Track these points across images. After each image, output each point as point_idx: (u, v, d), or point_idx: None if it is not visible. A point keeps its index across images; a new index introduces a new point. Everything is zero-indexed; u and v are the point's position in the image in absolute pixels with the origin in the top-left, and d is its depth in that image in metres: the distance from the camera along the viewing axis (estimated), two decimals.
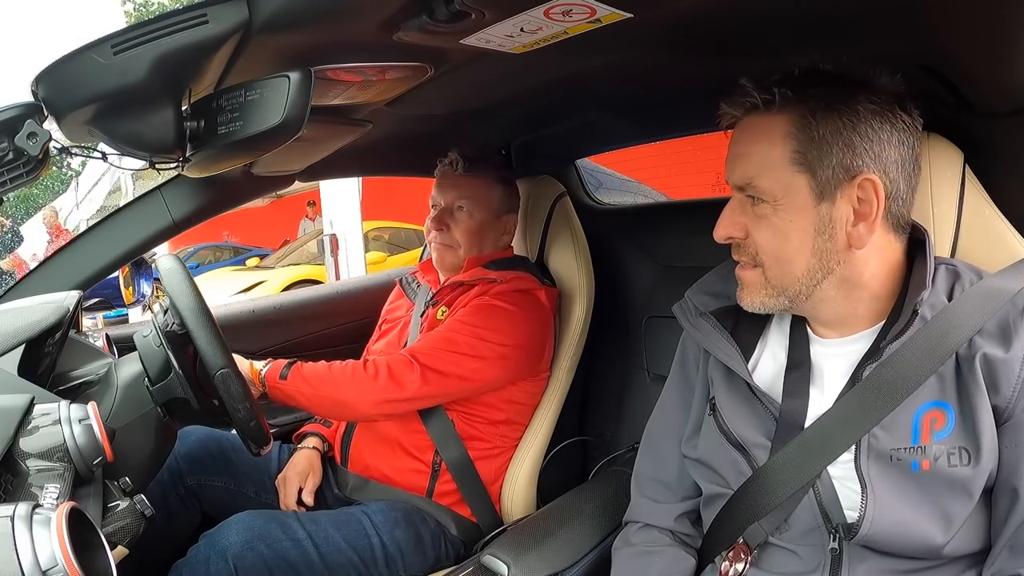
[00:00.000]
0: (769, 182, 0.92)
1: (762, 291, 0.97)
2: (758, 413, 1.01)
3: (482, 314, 1.53)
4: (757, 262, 0.96)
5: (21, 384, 1.04)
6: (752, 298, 0.98)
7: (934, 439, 0.88)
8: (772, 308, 0.98)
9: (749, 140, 0.94)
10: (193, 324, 1.20)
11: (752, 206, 0.94)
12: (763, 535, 0.99)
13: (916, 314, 0.90)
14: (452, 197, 1.68)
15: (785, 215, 0.92)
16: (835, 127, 0.89)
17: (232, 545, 1.28)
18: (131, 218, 1.60)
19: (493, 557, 1.21)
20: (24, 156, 0.89)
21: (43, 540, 0.62)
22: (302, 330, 2.19)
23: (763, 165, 0.92)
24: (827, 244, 0.92)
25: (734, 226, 0.97)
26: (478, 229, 1.68)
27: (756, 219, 0.94)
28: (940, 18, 0.94)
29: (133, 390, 1.22)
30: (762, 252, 0.95)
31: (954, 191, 1.03)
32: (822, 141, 0.89)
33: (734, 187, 0.97)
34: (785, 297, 0.96)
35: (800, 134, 0.90)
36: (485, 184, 1.68)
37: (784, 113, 0.91)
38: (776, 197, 0.91)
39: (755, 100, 0.92)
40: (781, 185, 0.91)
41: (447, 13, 0.81)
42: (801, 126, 0.90)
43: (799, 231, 0.92)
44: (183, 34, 0.81)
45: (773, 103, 0.91)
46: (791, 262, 0.93)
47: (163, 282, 1.26)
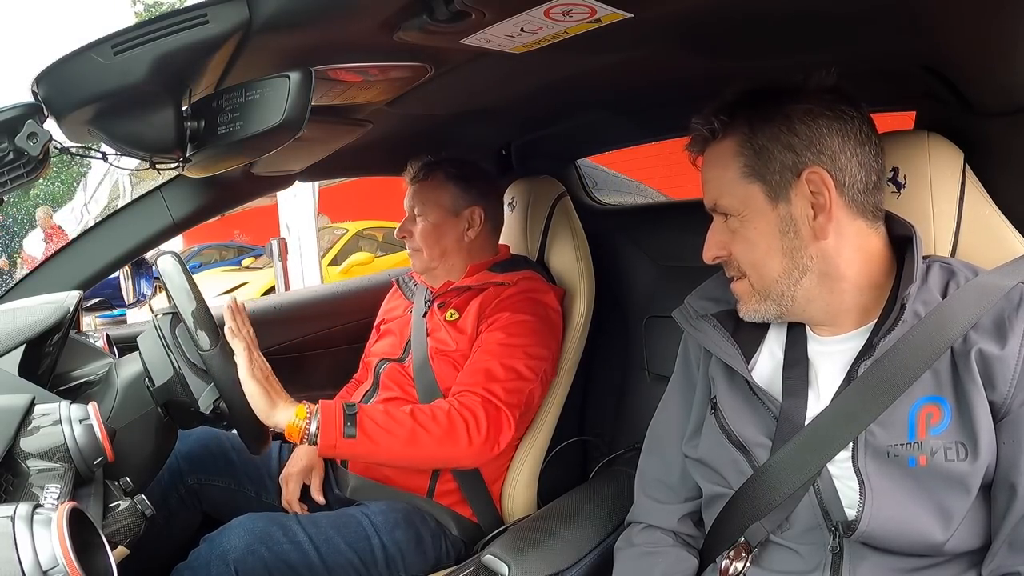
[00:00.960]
0: (729, 199, 0.99)
1: (753, 299, 1.02)
2: (758, 412, 1.01)
3: (521, 332, 1.54)
4: (741, 272, 1.02)
5: (21, 384, 1.04)
6: (747, 307, 1.03)
7: (930, 434, 0.88)
8: (766, 314, 1.02)
9: (708, 168, 1.03)
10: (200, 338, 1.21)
11: (726, 223, 1.01)
12: (764, 534, 0.99)
13: (904, 307, 0.91)
14: (409, 205, 1.74)
15: (750, 224, 0.98)
16: (772, 134, 0.95)
17: (233, 548, 1.28)
18: (131, 218, 1.60)
19: (494, 557, 1.22)
20: (24, 156, 0.89)
21: (44, 540, 0.62)
22: (302, 330, 2.19)
23: (721, 186, 1.00)
24: (794, 242, 0.96)
25: (717, 246, 1.03)
26: (433, 230, 1.70)
27: (731, 234, 1.01)
28: (940, 18, 0.94)
29: (134, 390, 1.22)
30: (742, 263, 1.01)
31: (954, 190, 1.04)
32: (763, 150, 0.96)
33: (709, 209, 1.04)
34: (772, 301, 1.00)
35: (745, 150, 0.97)
36: (434, 185, 1.71)
37: (728, 137, 0.98)
38: (739, 211, 0.98)
39: (703, 134, 1.01)
40: (739, 199, 0.98)
41: (447, 13, 0.81)
42: (743, 143, 0.97)
43: (765, 236, 0.98)
44: (183, 34, 0.80)
45: (717, 131, 0.99)
46: (765, 265, 0.99)
47: (165, 285, 1.26)
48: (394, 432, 1.31)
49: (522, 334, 1.53)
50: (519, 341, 1.52)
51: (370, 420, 1.30)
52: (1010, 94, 1.03)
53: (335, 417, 1.27)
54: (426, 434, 1.33)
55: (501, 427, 1.41)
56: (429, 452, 1.34)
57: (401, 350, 1.67)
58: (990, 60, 1.00)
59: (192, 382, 1.21)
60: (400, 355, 1.67)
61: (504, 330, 1.54)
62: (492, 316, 1.57)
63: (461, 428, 1.36)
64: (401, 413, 1.34)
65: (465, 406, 1.39)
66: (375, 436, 1.29)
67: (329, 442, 1.26)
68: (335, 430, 1.26)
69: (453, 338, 1.59)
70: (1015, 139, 1.06)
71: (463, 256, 1.72)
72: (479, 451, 1.38)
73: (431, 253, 1.71)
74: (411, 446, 1.31)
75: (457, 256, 1.72)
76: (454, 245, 1.71)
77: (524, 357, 1.51)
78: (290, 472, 1.61)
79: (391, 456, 1.33)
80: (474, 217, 1.72)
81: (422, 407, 1.39)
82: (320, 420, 1.27)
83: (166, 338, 1.23)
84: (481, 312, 1.59)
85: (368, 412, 1.31)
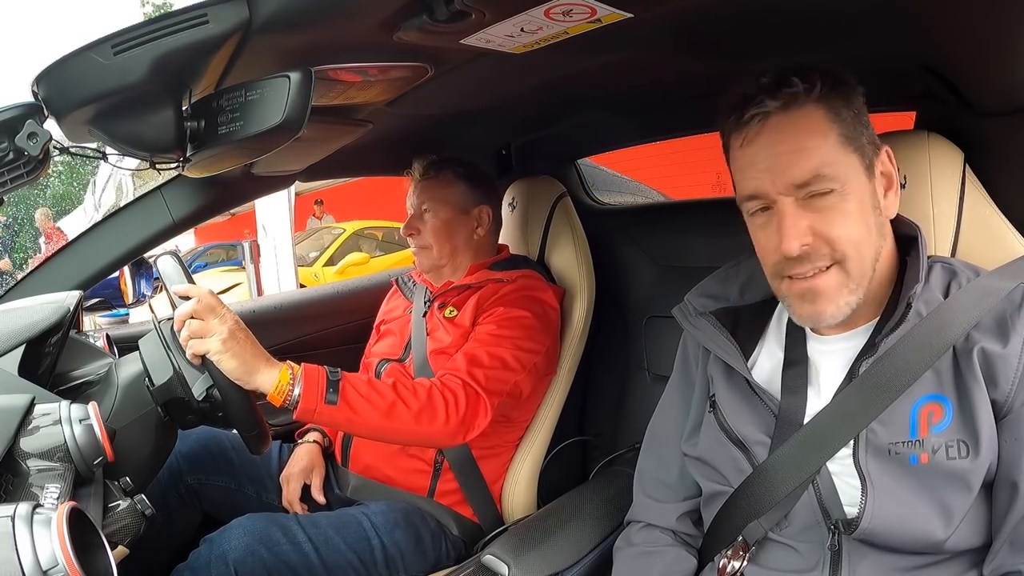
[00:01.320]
0: (833, 168, 0.89)
1: (844, 291, 0.92)
2: (757, 410, 1.01)
3: (513, 325, 1.54)
4: (836, 258, 0.90)
5: (21, 384, 1.04)
6: (836, 304, 0.92)
7: (932, 432, 0.88)
8: (846, 310, 0.92)
9: (796, 136, 0.90)
10: None
11: (814, 203, 0.90)
12: (762, 532, 0.99)
13: (909, 307, 0.91)
14: (417, 202, 1.73)
15: (853, 198, 0.90)
16: (857, 107, 0.91)
17: (233, 549, 1.28)
18: (131, 218, 1.60)
19: (494, 557, 1.22)
20: (24, 156, 0.89)
21: (44, 540, 0.62)
22: (302, 330, 2.19)
23: (825, 154, 0.89)
24: (877, 219, 0.93)
25: (805, 233, 0.90)
26: (445, 227, 1.70)
27: (822, 214, 0.90)
28: (940, 19, 0.94)
29: (134, 390, 1.21)
30: (841, 245, 0.90)
31: (954, 190, 1.04)
32: (855, 121, 0.91)
33: (791, 188, 0.90)
34: (862, 288, 0.92)
35: (838, 118, 0.90)
36: (444, 182, 1.71)
37: (818, 102, 0.90)
38: (843, 182, 0.89)
39: (798, 89, 0.89)
40: (843, 169, 0.90)
41: (447, 13, 0.81)
42: (837, 110, 0.90)
43: (864, 211, 0.91)
44: (183, 34, 0.81)
45: (813, 90, 0.89)
46: (865, 244, 0.91)
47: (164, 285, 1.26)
48: (374, 403, 1.29)
49: (514, 327, 1.53)
50: (509, 333, 1.52)
51: (352, 388, 1.28)
52: (1010, 94, 1.03)
53: (318, 382, 1.25)
54: (405, 408, 1.32)
55: (478, 412, 1.41)
56: (405, 426, 1.32)
57: (402, 350, 1.68)
58: (990, 60, 1.00)
59: (188, 374, 1.21)
60: (401, 355, 1.67)
61: (496, 322, 1.54)
62: (488, 310, 1.58)
63: (440, 406, 1.35)
64: (383, 384, 1.33)
65: (447, 386, 1.39)
66: (356, 404, 1.27)
67: (309, 406, 1.24)
68: (317, 395, 1.24)
69: (450, 334, 1.59)
70: (1015, 139, 1.06)
71: (470, 255, 1.73)
72: (453, 431, 1.37)
73: (441, 251, 1.70)
74: (389, 418, 1.30)
75: (465, 255, 1.72)
76: (464, 243, 1.72)
77: (512, 348, 1.51)
78: (291, 472, 1.61)
79: (368, 426, 1.31)
80: (482, 216, 1.73)
81: (405, 381, 1.38)
82: (303, 384, 1.24)
83: (166, 338, 1.23)
84: (479, 307, 1.59)
85: (351, 380, 1.30)
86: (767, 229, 0.94)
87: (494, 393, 1.44)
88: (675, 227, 1.86)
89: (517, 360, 1.51)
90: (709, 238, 1.69)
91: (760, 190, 0.92)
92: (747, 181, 0.94)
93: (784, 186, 0.90)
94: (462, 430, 1.38)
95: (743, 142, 0.93)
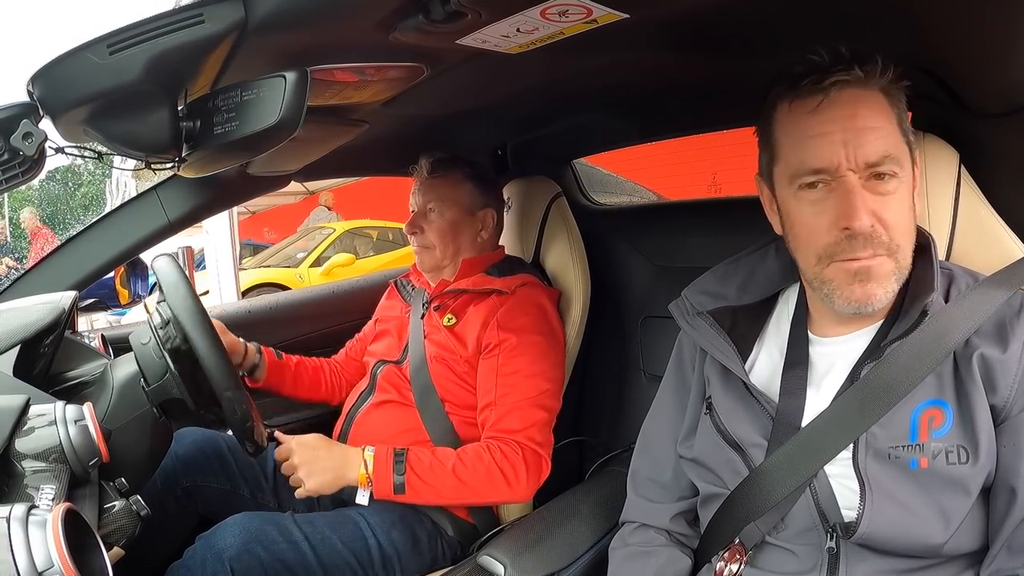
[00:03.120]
0: (899, 154, 0.89)
1: (892, 278, 0.90)
2: (755, 412, 1.01)
3: (538, 358, 1.55)
4: (890, 248, 0.89)
5: (16, 385, 1.04)
6: (884, 289, 0.90)
7: (932, 437, 0.88)
8: (888, 299, 0.91)
9: (872, 114, 0.88)
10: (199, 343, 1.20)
11: (876, 186, 0.88)
12: (759, 535, 0.99)
13: (925, 314, 0.91)
14: (423, 200, 1.71)
15: (906, 188, 0.90)
16: (902, 98, 0.92)
17: (228, 547, 1.28)
18: (127, 218, 1.60)
19: (489, 557, 1.22)
20: (20, 156, 0.89)
21: (39, 541, 0.62)
22: (299, 330, 2.19)
23: (888, 137, 0.88)
24: (913, 211, 0.93)
25: (870, 214, 0.87)
26: (450, 228, 1.69)
27: (882, 199, 0.88)
28: (936, 20, 0.94)
29: (129, 391, 1.21)
30: (895, 232, 0.88)
31: (950, 192, 1.04)
32: (902, 111, 0.92)
33: (863, 165, 0.87)
34: (901, 280, 0.92)
35: (896, 107, 0.91)
36: (453, 183, 1.70)
37: (878, 86, 0.89)
38: (903, 170, 0.89)
39: (876, 67, 0.88)
40: (903, 158, 0.89)
41: (443, 13, 0.81)
42: (896, 99, 0.91)
43: (911, 204, 0.92)
44: (179, 34, 0.80)
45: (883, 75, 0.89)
46: (910, 236, 0.91)
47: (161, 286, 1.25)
48: (438, 488, 1.41)
49: (539, 358, 1.55)
50: (539, 368, 1.54)
51: (416, 477, 1.40)
52: (1006, 95, 1.03)
53: (387, 477, 1.40)
54: (468, 490, 1.42)
55: (541, 469, 1.48)
56: (474, 500, 1.47)
57: (399, 352, 1.67)
58: (985, 61, 1.00)
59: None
60: (398, 357, 1.67)
61: (522, 358, 1.53)
62: (501, 336, 1.55)
63: (501, 481, 1.43)
64: (442, 467, 1.42)
65: (506, 456, 1.45)
66: (420, 490, 1.40)
67: (384, 496, 1.40)
68: (388, 486, 1.40)
69: (451, 344, 1.59)
70: (1011, 140, 1.06)
71: (471, 256, 1.72)
72: (522, 495, 1.47)
73: (444, 251, 1.70)
74: (456, 497, 1.44)
75: (467, 256, 1.71)
76: (467, 245, 1.71)
77: (547, 384, 1.54)
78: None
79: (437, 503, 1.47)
80: (487, 219, 1.72)
81: (464, 459, 1.44)
82: (373, 485, 1.40)
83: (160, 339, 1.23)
84: (484, 325, 1.57)
85: (415, 466, 1.41)
86: (821, 205, 0.90)
87: (548, 444, 1.53)
88: (671, 227, 1.86)
89: (554, 396, 1.57)
90: (705, 238, 1.69)
91: (831, 163, 0.88)
92: (814, 151, 0.89)
93: (858, 162, 0.87)
94: (530, 491, 1.47)
95: (816, 108, 0.89)
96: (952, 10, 0.90)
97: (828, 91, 0.88)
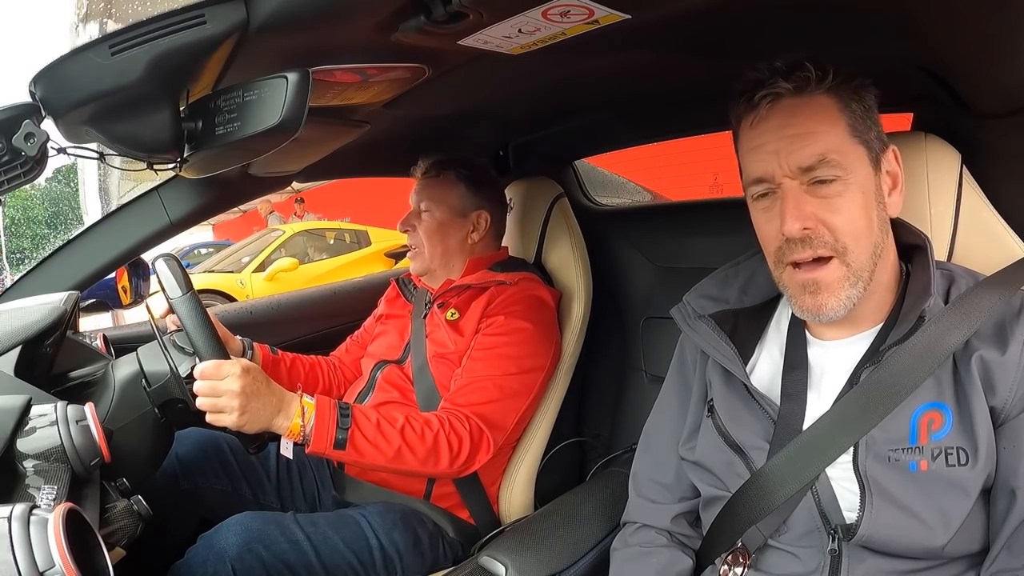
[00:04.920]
0: (840, 156, 0.90)
1: (846, 283, 0.92)
2: (756, 415, 1.01)
3: (517, 341, 1.54)
4: (836, 250, 0.91)
5: (18, 385, 1.04)
6: (837, 297, 0.92)
7: (932, 439, 0.88)
8: (847, 305, 0.92)
9: (806, 121, 0.91)
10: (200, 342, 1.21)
11: (818, 189, 0.91)
12: (761, 539, 0.99)
13: (922, 320, 0.91)
14: (416, 200, 1.73)
15: (856, 189, 0.91)
16: (867, 103, 0.93)
17: (230, 547, 1.28)
18: (128, 219, 1.60)
19: (491, 558, 1.21)
20: (21, 156, 0.89)
21: (40, 541, 0.62)
22: (301, 330, 2.19)
23: (830, 141, 0.90)
24: (882, 213, 0.93)
25: (807, 216, 0.90)
26: (438, 228, 1.70)
27: (826, 202, 0.90)
28: (938, 21, 0.94)
29: (131, 391, 1.21)
30: (841, 235, 0.90)
31: (951, 192, 1.04)
32: (864, 115, 0.92)
33: (797, 171, 0.91)
34: (861, 284, 0.92)
35: (850, 109, 0.91)
36: (447, 183, 1.71)
37: (829, 92, 0.91)
38: (848, 171, 0.90)
39: (810, 75, 0.90)
40: (850, 158, 0.91)
41: (445, 14, 0.81)
42: (849, 101, 0.92)
43: (866, 204, 0.91)
44: (181, 34, 0.80)
45: (825, 80, 0.91)
46: (865, 238, 0.91)
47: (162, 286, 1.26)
48: (381, 448, 1.33)
49: (518, 343, 1.54)
50: (515, 352, 1.53)
51: (360, 434, 1.31)
52: (1007, 96, 1.03)
53: (328, 429, 1.29)
54: (410, 454, 1.35)
55: (479, 450, 1.43)
56: (410, 468, 1.37)
57: (400, 352, 1.67)
58: (987, 62, 1.00)
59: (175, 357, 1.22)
60: (399, 357, 1.67)
61: (500, 338, 1.54)
62: (490, 318, 1.57)
63: (444, 451, 1.38)
64: (391, 430, 1.35)
65: (454, 429, 1.41)
66: (363, 449, 1.32)
67: (319, 449, 1.29)
68: (326, 441, 1.29)
69: (452, 339, 1.59)
70: (1012, 141, 1.06)
71: (463, 259, 1.72)
72: (457, 471, 1.43)
73: (432, 252, 1.70)
74: (395, 462, 1.35)
75: (458, 258, 1.72)
76: (456, 247, 1.71)
77: (518, 372, 1.52)
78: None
79: (374, 466, 1.37)
80: (480, 221, 1.72)
81: (413, 422, 1.38)
82: (314, 429, 1.28)
83: (162, 339, 1.23)
84: (483, 313, 1.58)
85: (360, 424, 1.32)
86: (770, 212, 0.94)
87: (499, 428, 1.48)
88: (672, 228, 1.86)
89: (524, 384, 1.53)
90: (706, 239, 1.69)
91: (767, 172, 0.92)
92: (754, 163, 0.94)
93: (790, 168, 0.90)
94: (464, 468, 1.43)
95: (753, 122, 0.94)
96: (953, 11, 0.90)
97: (759, 105, 0.93)
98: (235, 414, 1.20)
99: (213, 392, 1.20)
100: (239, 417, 1.20)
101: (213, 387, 1.20)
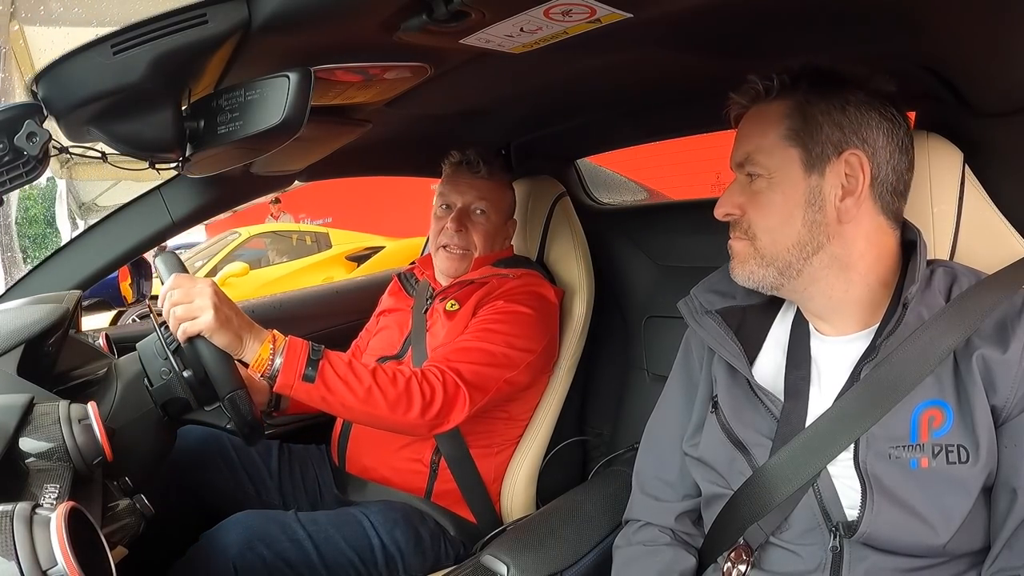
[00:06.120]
0: (765, 157, 0.98)
1: (751, 261, 1.01)
2: (759, 412, 1.01)
3: (510, 320, 1.52)
4: (748, 235, 1.01)
5: (21, 384, 1.05)
6: (743, 269, 1.02)
7: (932, 437, 0.88)
8: (762, 281, 1.01)
9: (750, 124, 1.02)
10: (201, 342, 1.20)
11: (750, 184, 1.00)
12: (763, 536, 0.99)
13: (905, 307, 0.92)
14: (471, 198, 1.66)
15: (778, 188, 0.97)
16: (825, 108, 0.95)
17: (232, 545, 1.28)
18: (130, 218, 1.60)
19: (493, 557, 1.21)
20: (23, 156, 0.89)
21: (43, 540, 0.62)
22: (304, 329, 2.18)
23: (760, 143, 0.99)
24: (817, 216, 0.96)
25: (732, 205, 1.02)
26: (494, 232, 1.68)
27: (752, 196, 1.00)
28: (940, 19, 0.94)
29: (133, 390, 1.22)
30: (755, 225, 1.00)
31: (954, 191, 1.04)
32: (813, 119, 0.95)
33: (735, 166, 1.03)
34: (775, 268, 0.99)
35: (795, 114, 0.96)
36: (502, 187, 1.70)
37: (782, 99, 0.98)
38: (771, 172, 0.97)
39: (758, 88, 1.00)
40: (775, 160, 0.97)
41: (447, 13, 0.81)
42: (795, 108, 0.97)
43: (789, 203, 0.97)
44: (182, 34, 0.81)
45: (772, 90, 0.99)
46: (781, 232, 0.98)
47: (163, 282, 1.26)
48: (351, 386, 1.28)
49: (509, 322, 1.52)
50: (504, 328, 1.51)
51: (331, 368, 1.27)
52: (1010, 94, 1.03)
53: (298, 358, 1.25)
54: (380, 395, 1.30)
55: (454, 406, 1.38)
56: (379, 412, 1.31)
57: (399, 346, 1.67)
58: (990, 60, 1.00)
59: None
60: (398, 351, 1.66)
61: (492, 315, 1.53)
62: (489, 303, 1.57)
63: (416, 399, 1.33)
64: (363, 369, 1.31)
65: (427, 379, 1.37)
66: (332, 384, 1.27)
67: (287, 381, 1.24)
68: (296, 371, 1.24)
69: (448, 329, 1.58)
70: (1015, 139, 1.06)
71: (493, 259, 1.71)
72: (428, 425, 1.36)
73: (484, 256, 1.67)
74: (364, 403, 1.29)
75: None
76: (497, 250, 1.71)
77: (503, 344, 1.48)
78: None
79: (342, 407, 1.30)
80: (511, 228, 1.75)
81: (386, 367, 1.35)
82: (284, 357, 1.24)
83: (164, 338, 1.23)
84: (481, 302, 1.58)
85: (331, 359, 1.29)
86: None
87: (477, 388, 1.42)
88: (674, 227, 1.86)
89: (507, 357, 1.48)
90: (709, 238, 1.67)
91: (730, 165, 1.05)
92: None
93: (734, 164, 1.03)
94: (436, 423, 1.37)
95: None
96: (957, 9, 0.90)
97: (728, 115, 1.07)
98: (210, 314, 1.17)
99: (186, 297, 1.19)
100: (214, 318, 1.17)
101: (186, 291, 1.19)
